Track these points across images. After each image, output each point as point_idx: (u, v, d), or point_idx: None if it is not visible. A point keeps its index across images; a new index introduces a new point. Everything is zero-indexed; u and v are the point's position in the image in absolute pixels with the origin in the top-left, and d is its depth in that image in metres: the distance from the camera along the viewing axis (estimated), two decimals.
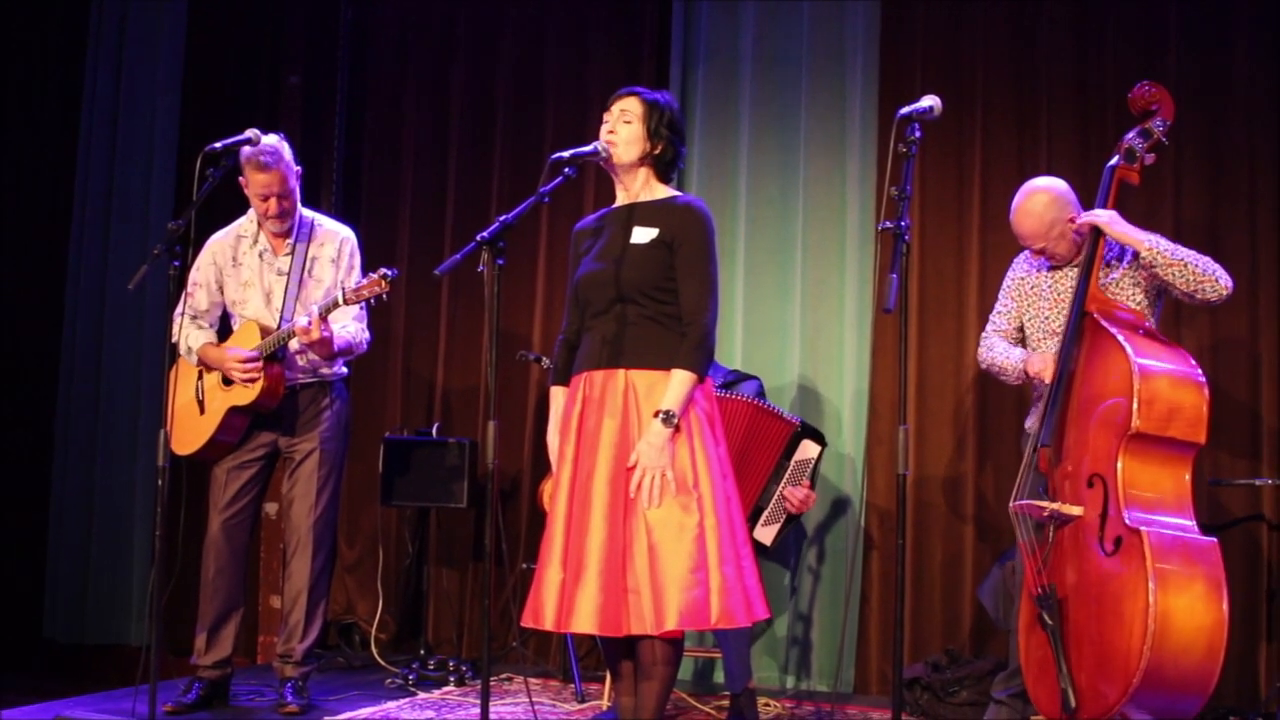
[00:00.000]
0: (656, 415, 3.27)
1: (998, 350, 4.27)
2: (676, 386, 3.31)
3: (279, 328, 4.44)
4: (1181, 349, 3.92)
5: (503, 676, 5.27)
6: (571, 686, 5.03)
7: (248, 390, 4.40)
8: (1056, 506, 3.83)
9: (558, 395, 3.58)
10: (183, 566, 5.02)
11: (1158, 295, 4.12)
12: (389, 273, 4.25)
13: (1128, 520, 3.62)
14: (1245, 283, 4.66)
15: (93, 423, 6.18)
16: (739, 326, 5.52)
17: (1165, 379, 3.74)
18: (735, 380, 4.68)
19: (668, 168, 3.53)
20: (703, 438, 3.34)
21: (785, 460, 4.47)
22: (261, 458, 4.56)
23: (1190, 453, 3.77)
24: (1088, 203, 4.16)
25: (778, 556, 5.12)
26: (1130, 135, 4.09)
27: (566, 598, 3.28)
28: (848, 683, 5.24)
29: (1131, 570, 3.57)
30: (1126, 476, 3.69)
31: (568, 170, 3.34)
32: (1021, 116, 5.27)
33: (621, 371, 3.37)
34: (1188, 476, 3.77)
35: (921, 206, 5.32)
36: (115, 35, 6.35)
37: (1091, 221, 4.02)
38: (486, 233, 3.21)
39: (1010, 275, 4.39)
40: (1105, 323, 3.87)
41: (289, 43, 6.19)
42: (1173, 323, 4.84)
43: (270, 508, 5.65)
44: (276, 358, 4.43)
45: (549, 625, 3.32)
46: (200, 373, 4.53)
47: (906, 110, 3.36)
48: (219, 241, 4.62)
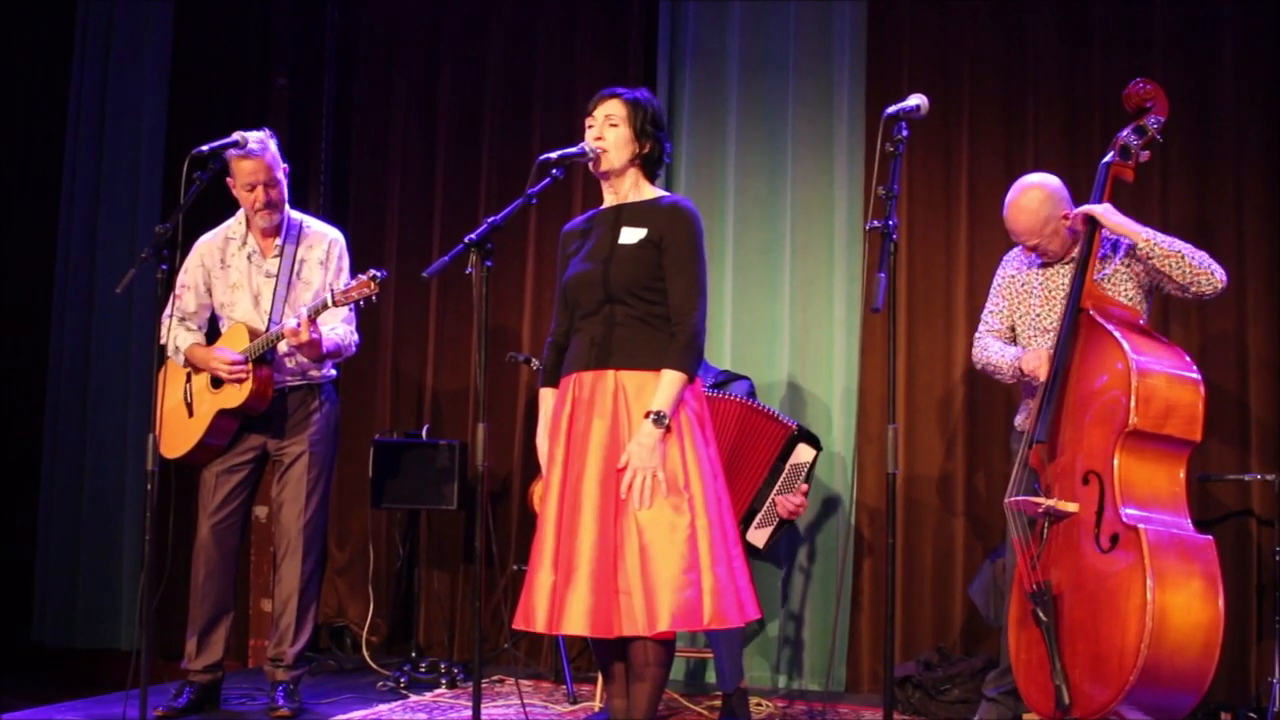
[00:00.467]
0: (647, 416, 3.27)
1: (992, 350, 4.26)
2: (666, 387, 3.30)
3: (267, 330, 4.42)
4: (1177, 346, 3.92)
5: (494, 678, 5.26)
6: (563, 688, 5.02)
7: (236, 393, 4.38)
8: (1052, 503, 3.83)
9: (547, 397, 3.57)
10: (172, 570, 4.99)
11: (1149, 292, 4.12)
12: (378, 274, 4.24)
13: (1124, 517, 3.62)
14: (1234, 279, 4.65)
15: (81, 426, 6.17)
16: (728, 326, 5.52)
17: (1162, 377, 3.74)
18: (726, 380, 4.67)
19: (655, 165, 3.54)
20: (693, 438, 3.34)
21: (780, 463, 4.46)
22: (250, 461, 4.55)
23: (1186, 450, 3.78)
24: (1080, 200, 4.16)
25: (769, 556, 5.11)
26: (1125, 132, 4.09)
27: (557, 599, 3.27)
28: (839, 681, 5.24)
29: (1129, 567, 3.57)
30: (1123, 473, 3.69)
31: (555, 171, 3.34)
32: (1008, 115, 5.27)
33: (611, 372, 3.37)
34: (1183, 474, 3.78)
35: (909, 205, 5.32)
36: (101, 37, 6.34)
37: (1087, 211, 4.02)
38: (475, 234, 3.21)
39: (1000, 273, 4.38)
40: (1101, 319, 3.87)
41: (276, 45, 6.17)
42: (1162, 319, 4.86)
43: (260, 511, 5.63)
44: (265, 360, 4.41)
45: (540, 627, 3.31)
46: (188, 375, 4.52)
47: (893, 109, 3.36)
48: (207, 243, 4.60)
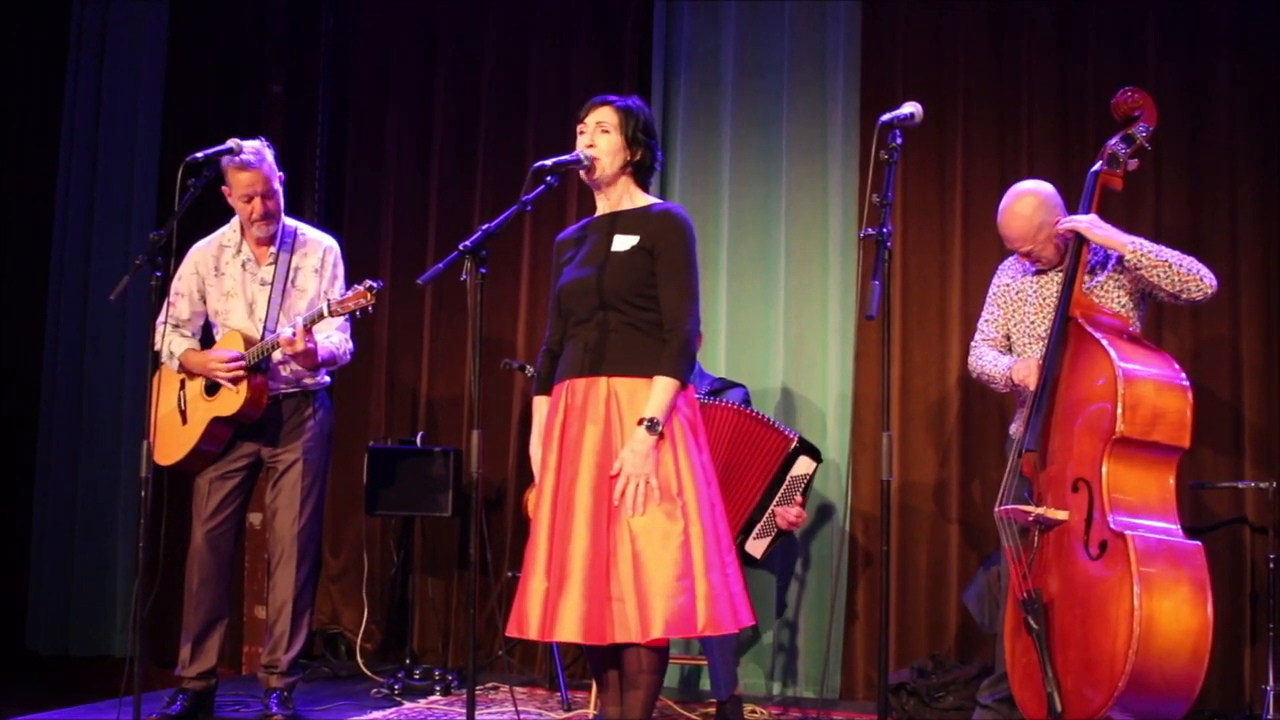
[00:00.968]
0: (640, 423, 3.27)
1: (986, 359, 4.28)
2: (659, 393, 3.30)
3: (262, 338, 4.42)
4: (1165, 353, 3.93)
5: (488, 685, 5.25)
6: (557, 695, 5.02)
7: (231, 400, 4.38)
8: (1041, 511, 3.84)
9: (541, 404, 3.57)
10: (166, 577, 4.99)
11: (1142, 299, 4.14)
12: (374, 285, 4.24)
13: (1112, 524, 3.63)
14: (1227, 286, 4.68)
15: (75, 433, 6.16)
16: (723, 333, 5.52)
17: (1149, 383, 3.75)
18: (721, 388, 4.67)
19: (647, 173, 3.54)
20: (686, 445, 3.34)
21: (781, 475, 4.45)
22: (244, 468, 4.54)
23: (1174, 457, 3.79)
24: (1072, 208, 4.17)
25: (763, 563, 5.12)
26: (1113, 141, 4.10)
27: (550, 607, 3.27)
28: (834, 689, 5.24)
29: (1117, 574, 3.58)
30: (1111, 481, 3.70)
31: (550, 179, 3.34)
32: (1002, 122, 5.29)
33: (603, 379, 3.37)
34: (1172, 480, 3.79)
35: (903, 213, 5.33)
36: (96, 44, 6.33)
37: (1072, 228, 4.04)
38: (469, 242, 3.21)
39: (996, 282, 4.39)
40: (1089, 327, 3.88)
41: (271, 52, 6.17)
42: (1155, 325, 4.87)
43: (254, 518, 5.62)
44: (260, 368, 4.41)
45: (533, 634, 3.30)
46: (182, 382, 4.51)
47: (888, 117, 3.37)
48: (201, 251, 4.60)
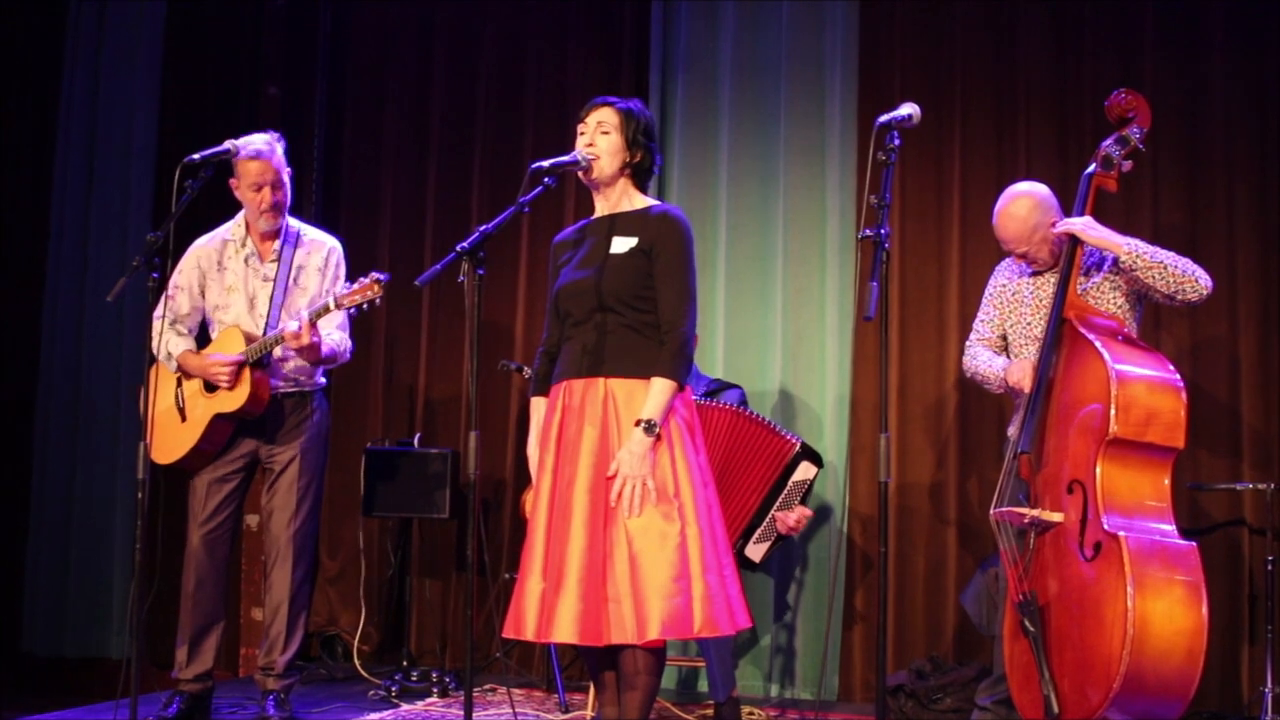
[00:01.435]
0: (638, 424, 3.27)
1: (981, 360, 4.28)
2: (656, 395, 3.30)
3: (264, 334, 4.42)
4: (1159, 354, 3.94)
5: (486, 687, 5.25)
6: (555, 697, 5.01)
7: (233, 397, 4.37)
8: (1037, 513, 3.84)
9: (538, 406, 3.57)
10: (163, 579, 4.99)
11: (1138, 300, 4.14)
12: (381, 277, 4.23)
13: (1106, 526, 3.64)
14: (1224, 286, 4.69)
15: (72, 434, 6.16)
16: (720, 334, 5.53)
17: (1142, 384, 3.75)
18: (718, 389, 4.67)
19: (645, 175, 3.54)
20: (683, 446, 3.34)
21: (783, 480, 4.45)
22: (241, 469, 4.54)
23: (1169, 457, 3.79)
24: (1068, 209, 4.18)
25: (761, 565, 5.12)
26: (1107, 143, 4.11)
27: (547, 608, 3.27)
28: (832, 690, 5.24)
29: (1111, 575, 3.58)
30: (1105, 482, 3.70)
31: (547, 180, 3.34)
32: (1000, 124, 5.29)
33: (601, 380, 3.37)
34: (1167, 481, 3.79)
35: (901, 214, 5.33)
36: (92, 45, 6.33)
37: (1067, 230, 4.04)
38: (466, 243, 3.21)
39: (992, 282, 4.40)
40: (1083, 329, 3.89)
41: (268, 53, 6.17)
42: (1152, 326, 4.87)
43: (251, 519, 5.61)
44: (262, 364, 4.40)
45: (530, 636, 3.30)
46: (179, 379, 4.51)
47: (886, 118, 3.37)
48: (204, 246, 4.59)
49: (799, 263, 5.48)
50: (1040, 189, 4.22)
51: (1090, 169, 4.12)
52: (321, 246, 4.63)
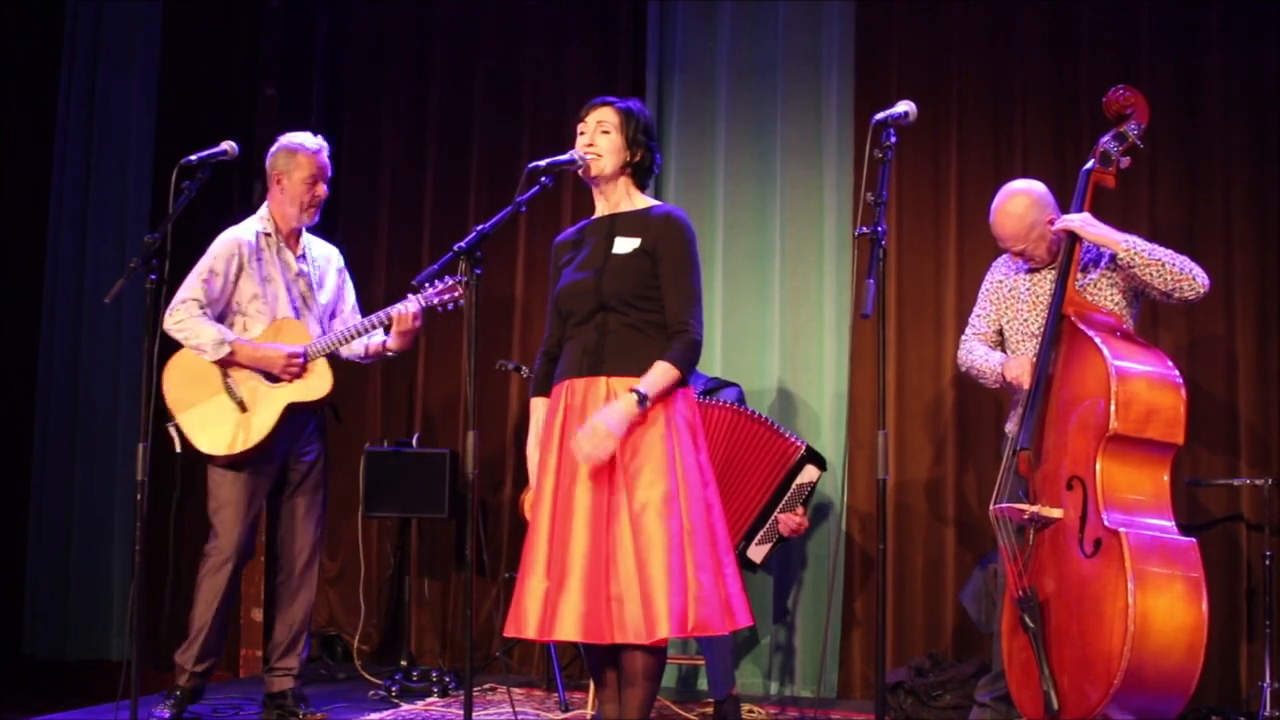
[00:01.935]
0: (631, 390, 3.25)
1: (976, 354, 4.28)
2: (657, 373, 3.29)
3: (322, 329, 4.50)
4: (1158, 350, 3.94)
5: (486, 687, 5.25)
6: (555, 696, 5.02)
7: (314, 386, 4.40)
8: (1036, 509, 3.85)
9: (538, 406, 3.57)
10: (162, 580, 4.99)
11: (1135, 296, 4.14)
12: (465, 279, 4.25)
13: (1106, 522, 3.64)
14: (1221, 283, 4.69)
15: (71, 437, 6.16)
16: (718, 332, 5.53)
17: (1142, 380, 3.76)
18: (715, 387, 4.67)
19: (645, 175, 3.54)
20: (684, 445, 3.34)
21: (787, 482, 4.45)
22: (275, 471, 4.52)
23: (1168, 453, 3.79)
24: (1065, 206, 4.18)
25: (761, 565, 5.13)
26: (1105, 139, 4.11)
27: (550, 606, 3.27)
28: (831, 688, 5.24)
29: (1111, 572, 3.59)
30: (1105, 478, 3.71)
31: (544, 180, 3.34)
32: (997, 121, 5.30)
33: (603, 379, 3.37)
34: (1166, 477, 3.79)
35: (898, 211, 5.33)
36: (89, 47, 6.33)
37: (1066, 226, 4.04)
38: (464, 243, 3.22)
39: (989, 278, 4.40)
40: (1082, 325, 3.89)
41: (265, 54, 6.17)
42: (1150, 323, 4.87)
43: None
44: (335, 356, 4.47)
45: (532, 634, 3.30)
46: (225, 371, 4.41)
47: (882, 116, 3.37)
48: (240, 237, 4.48)
49: (796, 261, 5.48)
50: (1037, 187, 4.22)
51: (1088, 165, 4.12)
52: (332, 250, 4.73)
